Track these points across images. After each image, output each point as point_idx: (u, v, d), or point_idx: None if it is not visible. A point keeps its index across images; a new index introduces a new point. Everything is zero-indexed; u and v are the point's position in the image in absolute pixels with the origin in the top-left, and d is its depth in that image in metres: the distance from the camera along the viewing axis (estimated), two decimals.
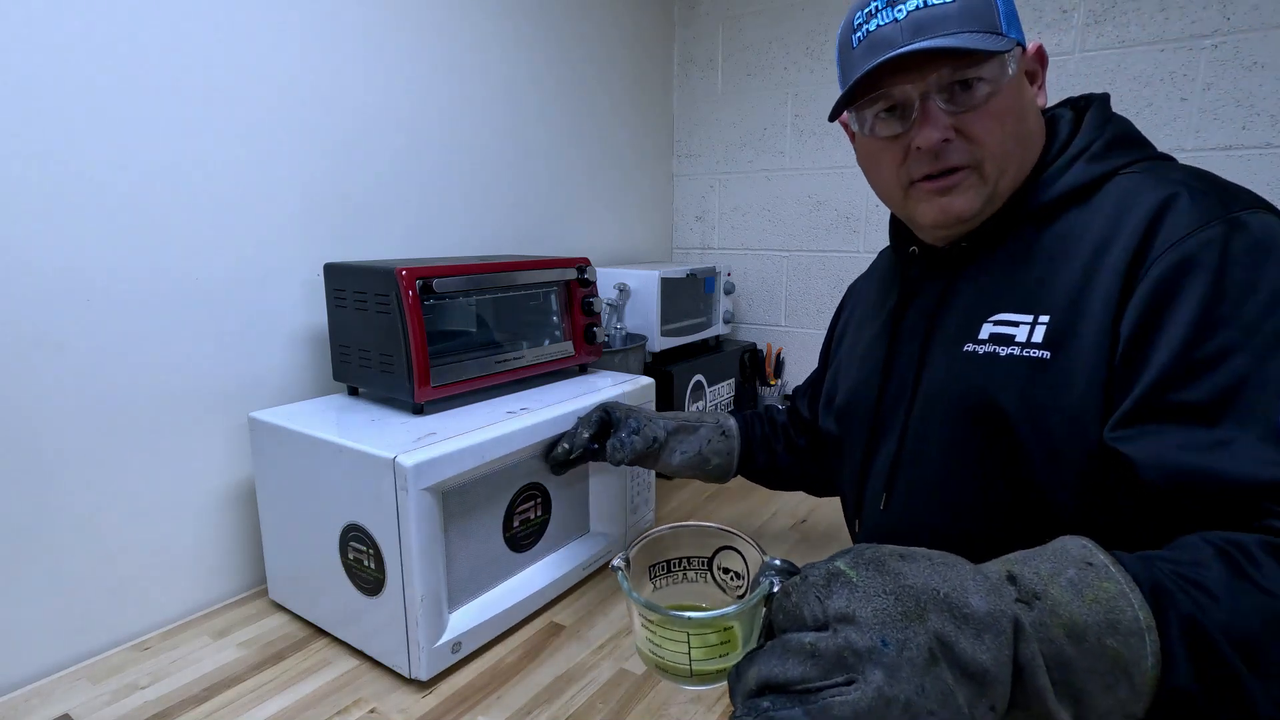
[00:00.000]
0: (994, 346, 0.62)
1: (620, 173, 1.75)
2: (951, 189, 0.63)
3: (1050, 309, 0.59)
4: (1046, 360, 0.58)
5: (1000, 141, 0.61)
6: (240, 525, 1.03)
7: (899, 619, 0.38)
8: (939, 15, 0.59)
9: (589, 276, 1.15)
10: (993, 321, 0.62)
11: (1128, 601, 0.40)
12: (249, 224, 1.00)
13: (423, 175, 1.24)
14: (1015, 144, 0.62)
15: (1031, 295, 0.61)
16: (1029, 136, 0.63)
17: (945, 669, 0.37)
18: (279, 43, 1.01)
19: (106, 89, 0.84)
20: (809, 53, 1.68)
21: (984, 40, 0.58)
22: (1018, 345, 0.60)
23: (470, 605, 0.88)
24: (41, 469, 0.83)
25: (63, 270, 0.83)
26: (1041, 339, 0.58)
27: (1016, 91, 0.61)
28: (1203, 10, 1.23)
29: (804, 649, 0.38)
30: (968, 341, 0.64)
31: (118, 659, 0.86)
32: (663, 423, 0.95)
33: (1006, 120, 0.61)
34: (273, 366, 1.05)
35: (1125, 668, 0.39)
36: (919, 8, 0.59)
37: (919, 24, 0.59)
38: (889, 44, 0.61)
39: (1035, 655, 0.38)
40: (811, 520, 1.26)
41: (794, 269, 1.80)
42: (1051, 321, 0.58)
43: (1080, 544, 0.43)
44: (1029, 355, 0.59)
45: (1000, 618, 0.38)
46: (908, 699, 0.36)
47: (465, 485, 0.85)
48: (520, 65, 1.41)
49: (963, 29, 0.58)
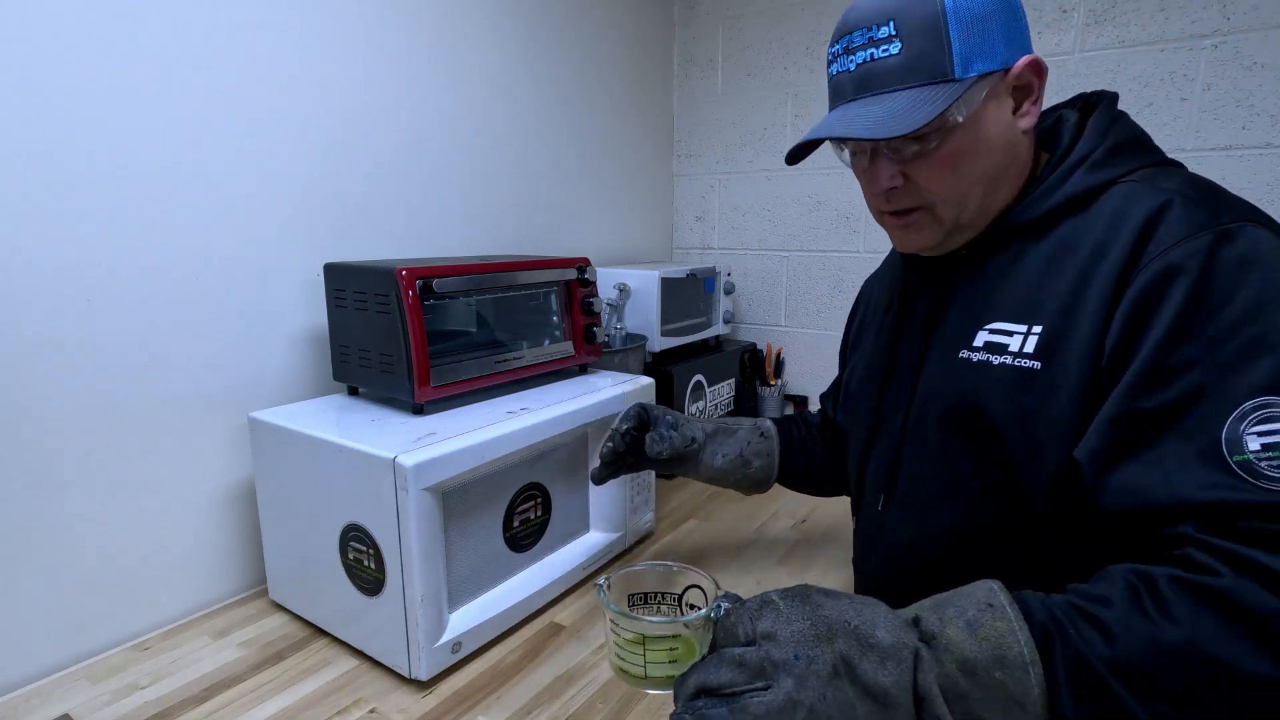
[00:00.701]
0: (987, 355, 0.62)
1: (620, 173, 1.75)
2: (908, 225, 0.65)
3: (1043, 319, 0.59)
4: (1036, 371, 0.58)
5: (950, 186, 0.61)
6: (240, 525, 1.03)
7: (811, 639, 0.47)
8: (883, 70, 0.59)
9: (589, 276, 1.15)
10: (988, 330, 0.63)
11: (1015, 639, 0.46)
12: (249, 224, 1.00)
13: (423, 175, 1.24)
14: (972, 183, 0.62)
15: (1026, 305, 0.61)
16: (996, 169, 0.62)
17: (847, 684, 0.46)
18: (279, 43, 1.01)
19: (106, 89, 0.84)
20: (809, 53, 1.68)
21: (917, 105, 0.57)
22: (1010, 355, 0.60)
23: (470, 605, 0.88)
24: (41, 469, 0.83)
25: (63, 270, 0.83)
26: (1033, 349, 0.59)
27: (973, 133, 0.60)
28: (1203, 10, 1.23)
29: (734, 660, 0.47)
30: (963, 348, 0.64)
31: (118, 659, 0.86)
32: (700, 425, 0.95)
33: (960, 163, 0.60)
34: (273, 366, 1.05)
35: (1016, 698, 0.45)
36: (866, 61, 0.59)
37: (864, 79, 0.60)
38: (841, 94, 0.63)
39: (932, 685, 0.46)
40: (812, 520, 1.26)
41: (794, 269, 1.80)
42: (1044, 332, 0.59)
43: (988, 587, 0.50)
44: (1020, 365, 0.59)
45: (902, 649, 0.47)
46: (811, 704, 0.45)
47: (465, 485, 0.85)
48: (520, 65, 1.41)
49: (905, 83, 0.58)
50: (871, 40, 0.59)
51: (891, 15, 0.58)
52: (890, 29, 0.58)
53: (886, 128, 0.57)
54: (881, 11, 0.58)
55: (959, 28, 0.57)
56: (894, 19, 0.58)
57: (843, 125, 0.60)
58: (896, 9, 0.58)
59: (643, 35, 1.76)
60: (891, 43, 0.58)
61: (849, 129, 0.59)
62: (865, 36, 0.59)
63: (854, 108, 0.61)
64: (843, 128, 0.60)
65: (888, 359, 0.75)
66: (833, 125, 0.61)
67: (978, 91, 0.58)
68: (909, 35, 0.57)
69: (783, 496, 1.36)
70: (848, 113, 0.61)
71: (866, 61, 0.59)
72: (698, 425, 0.94)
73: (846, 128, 0.59)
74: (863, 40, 0.59)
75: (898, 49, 0.58)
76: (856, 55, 0.60)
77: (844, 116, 0.61)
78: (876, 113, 0.58)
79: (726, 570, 1.08)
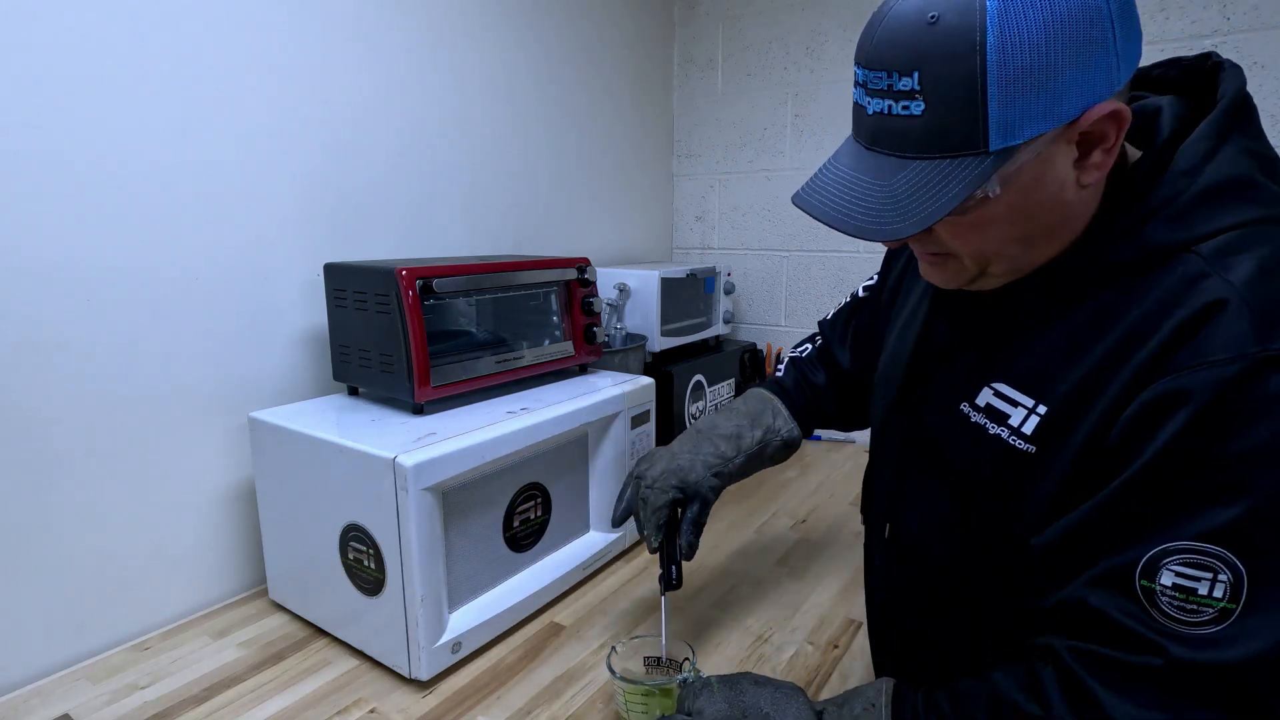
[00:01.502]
0: (986, 420, 0.57)
1: (620, 173, 1.75)
2: (933, 264, 0.58)
3: (1051, 400, 0.53)
4: (1030, 456, 0.53)
5: (976, 246, 0.53)
6: (240, 525, 1.03)
7: (727, 718, 0.60)
8: (899, 130, 0.48)
9: (589, 276, 1.15)
10: (993, 389, 0.57)
11: None
12: (249, 224, 1.00)
13: (423, 175, 1.24)
14: (1004, 244, 0.53)
15: (1039, 377, 0.54)
16: (1037, 231, 0.52)
17: None
18: (279, 43, 1.01)
19: (106, 89, 0.84)
20: (809, 53, 1.68)
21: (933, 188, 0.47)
22: (1007, 428, 0.55)
23: (470, 605, 0.88)
24: (41, 469, 0.83)
25: (63, 270, 0.83)
26: (1031, 431, 0.53)
27: (1009, 200, 0.49)
28: (1203, 10, 1.23)
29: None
30: (965, 400, 0.59)
31: (118, 659, 0.86)
32: (713, 482, 0.83)
33: (988, 228, 0.51)
34: (273, 366, 1.05)
35: None
36: (882, 113, 0.48)
37: (878, 133, 0.49)
38: (857, 128, 0.53)
39: None
40: (811, 520, 1.26)
41: (794, 269, 1.80)
42: (1048, 415, 0.53)
43: (878, 687, 0.58)
44: (1014, 444, 0.54)
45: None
46: None
47: (465, 485, 0.85)
48: (521, 65, 1.41)
49: (924, 152, 0.47)
50: (890, 89, 0.47)
51: (917, 66, 0.45)
52: (913, 82, 0.45)
53: (887, 220, 0.48)
54: (907, 57, 0.45)
55: (1002, 89, 0.44)
56: (919, 71, 0.45)
57: (838, 205, 0.51)
58: (923, 58, 0.45)
59: (643, 35, 1.76)
60: (914, 100, 0.46)
61: (846, 214, 0.50)
62: (884, 83, 0.47)
63: (862, 170, 0.51)
64: (838, 211, 0.51)
65: (906, 374, 0.69)
66: (826, 199, 0.52)
67: (1024, 155, 0.46)
68: (934, 96, 0.45)
69: (783, 496, 1.36)
70: (853, 179, 0.51)
71: (883, 114, 0.48)
72: (710, 484, 0.82)
73: (842, 211, 0.51)
74: (881, 86, 0.47)
75: (919, 110, 0.46)
76: (873, 101, 0.49)
77: (844, 188, 0.52)
78: (881, 194, 0.49)
79: (727, 570, 1.08)
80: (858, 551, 1.16)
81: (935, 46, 0.44)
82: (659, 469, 0.82)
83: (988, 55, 0.43)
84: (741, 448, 0.85)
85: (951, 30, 0.43)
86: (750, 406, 0.89)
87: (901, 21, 0.46)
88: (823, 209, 0.52)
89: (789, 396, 0.91)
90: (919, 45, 0.45)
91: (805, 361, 0.94)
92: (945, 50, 0.44)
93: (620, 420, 1.07)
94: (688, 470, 0.81)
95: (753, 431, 0.86)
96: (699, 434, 0.85)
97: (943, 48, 0.44)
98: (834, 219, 0.51)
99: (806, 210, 0.54)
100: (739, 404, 0.90)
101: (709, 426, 0.86)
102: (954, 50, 0.44)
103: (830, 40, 1.64)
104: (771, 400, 0.90)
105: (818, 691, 0.83)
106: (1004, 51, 0.43)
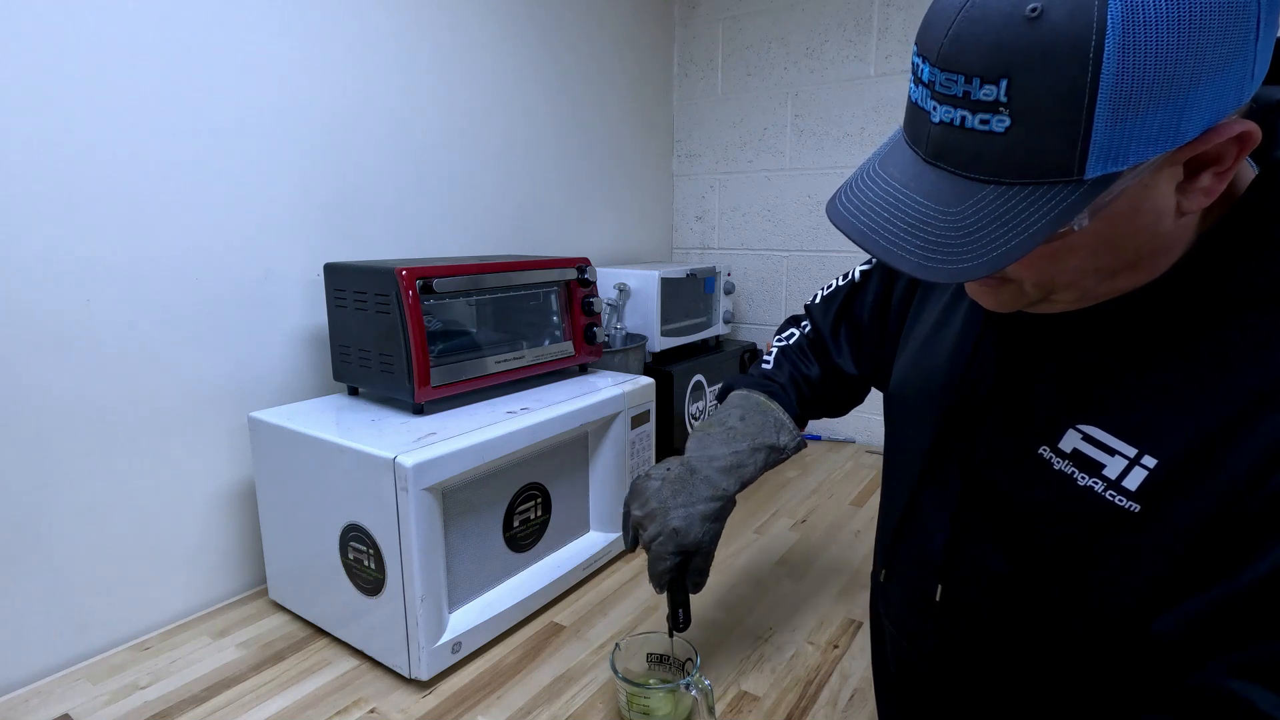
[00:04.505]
0: (1073, 468, 0.47)
1: (620, 173, 1.75)
2: (984, 286, 0.48)
3: (1163, 449, 0.43)
4: (1134, 515, 0.44)
5: (1048, 277, 0.44)
6: (240, 525, 1.03)
7: None
8: (973, 149, 0.38)
9: (589, 276, 1.15)
10: (1081, 433, 0.47)
11: None
12: (249, 224, 1.00)
13: (423, 175, 1.24)
14: (1083, 276, 0.44)
15: (1144, 421, 0.45)
16: (1122, 263, 0.44)
17: None
18: (280, 43, 1.01)
19: (106, 90, 0.84)
20: (809, 53, 1.68)
21: (1010, 223, 0.38)
22: (1101, 480, 0.45)
23: (470, 605, 0.88)
24: (41, 469, 0.83)
25: (63, 270, 0.83)
26: (1136, 487, 0.44)
27: (1096, 230, 0.40)
28: None
29: None
30: (1045, 444, 0.49)
31: (118, 659, 0.86)
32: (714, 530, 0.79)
33: (1072, 257, 0.42)
34: (273, 366, 1.05)
35: None
36: (952, 124, 0.38)
37: (944, 146, 0.39)
38: (915, 134, 0.42)
39: None
40: (811, 520, 1.26)
41: (794, 269, 1.80)
42: (1159, 468, 0.43)
43: None
44: (1112, 500, 0.45)
45: None
46: None
47: (465, 485, 0.85)
48: (521, 65, 1.41)
49: (1002, 176, 0.38)
50: (967, 98, 0.37)
51: (1006, 72, 0.35)
52: (999, 92, 0.36)
53: (951, 257, 0.39)
54: (993, 60, 0.35)
55: (1114, 108, 0.34)
56: (1009, 79, 0.35)
57: (890, 234, 0.41)
58: (1016, 63, 0.35)
59: (643, 35, 1.76)
60: (996, 115, 0.36)
61: (901, 246, 0.41)
62: (959, 89, 0.37)
63: (919, 189, 0.41)
64: (889, 241, 0.41)
65: (956, 402, 0.57)
66: (875, 221, 0.42)
67: (1123, 182, 0.37)
68: (1024, 111, 0.35)
69: (783, 496, 1.36)
70: (908, 201, 0.41)
71: (953, 125, 0.38)
72: (711, 531, 0.78)
73: (896, 242, 0.41)
74: (954, 93, 0.37)
75: (1003, 127, 0.36)
76: (940, 108, 0.38)
77: (897, 210, 0.41)
78: (944, 224, 0.40)
79: (727, 571, 1.08)
80: (858, 551, 1.17)
81: (1035, 49, 0.34)
82: (653, 530, 0.75)
83: (1103, 65, 0.33)
84: (743, 478, 0.78)
85: (1058, 31, 0.33)
86: (749, 425, 0.79)
87: (991, 11, 0.35)
88: (871, 237, 0.42)
89: (786, 396, 0.82)
90: (1012, 46, 0.35)
91: (795, 351, 0.85)
92: (1047, 55, 0.34)
93: (620, 420, 1.07)
94: (685, 533, 0.75)
95: (753, 457, 0.78)
96: (693, 473, 0.77)
97: (1045, 52, 0.34)
98: (886, 252, 0.41)
99: (850, 235, 0.43)
100: (734, 419, 0.79)
101: (703, 459, 0.77)
102: (1059, 55, 0.34)
103: (830, 40, 1.64)
104: (770, 409, 0.80)
105: (818, 691, 0.83)
106: (1124, 60, 0.33)
